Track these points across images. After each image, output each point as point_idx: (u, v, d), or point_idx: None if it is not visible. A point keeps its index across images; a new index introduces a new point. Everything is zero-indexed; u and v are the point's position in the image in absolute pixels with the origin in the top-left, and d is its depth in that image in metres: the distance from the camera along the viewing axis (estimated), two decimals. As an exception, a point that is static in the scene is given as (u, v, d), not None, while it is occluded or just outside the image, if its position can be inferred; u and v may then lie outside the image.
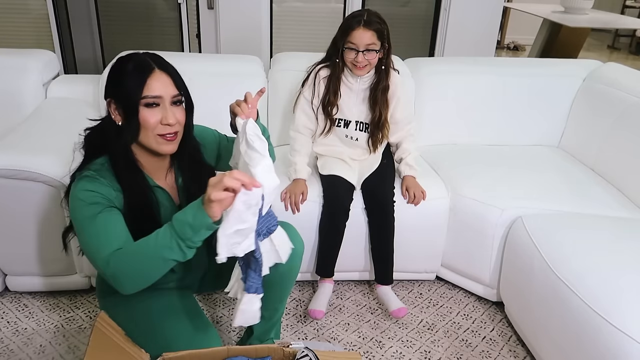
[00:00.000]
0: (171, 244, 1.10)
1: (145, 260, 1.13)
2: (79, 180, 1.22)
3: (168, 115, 1.23)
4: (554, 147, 2.56)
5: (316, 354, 1.24)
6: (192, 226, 1.08)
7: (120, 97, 1.22)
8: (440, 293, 2.21)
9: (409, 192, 2.00)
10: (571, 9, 4.81)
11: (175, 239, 1.09)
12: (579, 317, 1.51)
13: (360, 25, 1.86)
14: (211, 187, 1.05)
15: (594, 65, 2.59)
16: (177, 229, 1.09)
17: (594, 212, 1.95)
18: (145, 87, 1.20)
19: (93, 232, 1.18)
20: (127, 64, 1.23)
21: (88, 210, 1.18)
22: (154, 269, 1.15)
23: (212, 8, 3.37)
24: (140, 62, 1.23)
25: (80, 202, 1.19)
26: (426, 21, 3.67)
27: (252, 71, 2.43)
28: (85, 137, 1.30)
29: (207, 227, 1.08)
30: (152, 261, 1.13)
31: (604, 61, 2.64)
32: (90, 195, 1.19)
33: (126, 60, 1.24)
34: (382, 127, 2.03)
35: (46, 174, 1.77)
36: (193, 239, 1.10)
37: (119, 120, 1.23)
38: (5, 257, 1.96)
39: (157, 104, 1.22)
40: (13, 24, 3.52)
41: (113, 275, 1.15)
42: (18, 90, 2.26)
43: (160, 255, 1.11)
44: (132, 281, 1.16)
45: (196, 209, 1.08)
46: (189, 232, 1.08)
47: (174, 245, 1.10)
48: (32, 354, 1.78)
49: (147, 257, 1.13)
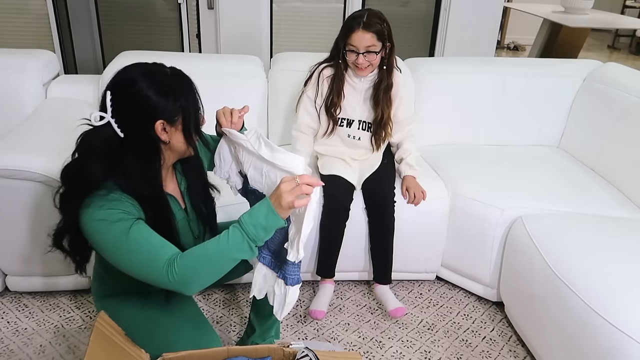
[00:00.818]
0: (243, 245, 1.15)
1: (216, 262, 1.16)
2: (90, 204, 1.16)
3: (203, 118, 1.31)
4: (554, 147, 2.56)
5: (316, 354, 1.24)
6: (266, 228, 1.16)
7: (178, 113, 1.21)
8: (441, 293, 2.21)
9: (409, 192, 2.00)
10: (571, 9, 4.81)
11: (247, 241, 1.15)
12: (579, 317, 1.51)
13: (360, 27, 1.85)
14: (289, 193, 1.13)
15: (594, 65, 2.59)
16: (250, 232, 1.15)
17: (594, 212, 1.95)
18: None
19: (134, 248, 1.15)
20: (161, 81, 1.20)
21: (116, 229, 1.14)
22: (224, 269, 1.18)
23: (212, 8, 3.37)
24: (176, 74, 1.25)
25: (102, 223, 1.14)
26: (426, 21, 3.67)
27: (252, 71, 2.43)
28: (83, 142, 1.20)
29: (279, 227, 1.17)
30: (223, 262, 1.17)
31: (604, 61, 2.64)
32: (112, 213, 1.15)
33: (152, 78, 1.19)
34: (385, 125, 2.03)
35: (46, 174, 1.77)
36: (265, 239, 1.18)
37: (166, 138, 1.22)
38: (5, 257, 1.96)
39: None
40: (13, 24, 3.52)
41: (181, 281, 1.14)
42: (18, 90, 2.26)
43: (232, 256, 1.16)
44: (201, 283, 1.18)
45: (267, 211, 1.15)
46: (262, 234, 1.16)
47: (246, 246, 1.15)
48: (32, 354, 1.78)
49: (217, 259, 1.16)
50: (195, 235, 1.39)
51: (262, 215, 1.15)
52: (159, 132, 1.20)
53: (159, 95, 1.18)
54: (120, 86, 1.19)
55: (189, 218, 1.38)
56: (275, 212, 1.14)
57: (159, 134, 1.20)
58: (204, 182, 1.44)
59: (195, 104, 1.25)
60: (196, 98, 1.25)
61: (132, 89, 1.17)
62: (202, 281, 1.17)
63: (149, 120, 1.18)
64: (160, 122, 1.19)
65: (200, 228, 1.42)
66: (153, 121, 1.18)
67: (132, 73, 1.20)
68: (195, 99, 1.25)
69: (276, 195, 1.14)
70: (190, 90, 1.24)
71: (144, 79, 1.18)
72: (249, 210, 1.18)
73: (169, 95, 1.19)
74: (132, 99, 1.17)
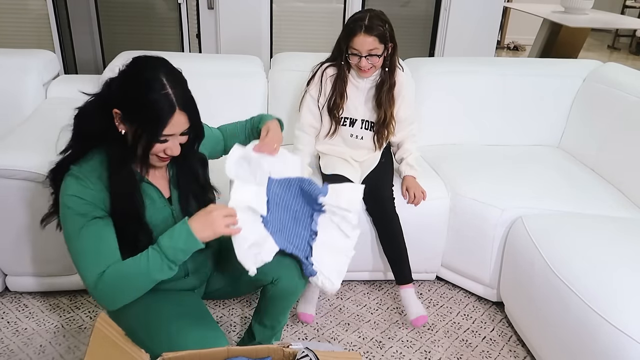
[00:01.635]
0: (162, 267, 1.20)
1: (135, 282, 1.22)
2: (68, 178, 1.24)
3: (174, 149, 1.26)
4: (554, 147, 2.56)
5: (316, 354, 1.24)
6: (185, 251, 1.21)
7: (135, 122, 1.20)
8: (441, 293, 2.21)
9: (409, 192, 2.00)
10: (571, 9, 4.81)
11: (166, 263, 1.20)
12: (579, 317, 1.51)
13: (362, 31, 1.84)
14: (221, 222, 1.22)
15: (594, 65, 2.59)
16: (169, 254, 1.19)
17: (594, 212, 1.95)
18: (165, 129, 1.21)
19: (79, 248, 1.22)
20: (150, 94, 1.17)
21: (76, 222, 1.22)
22: (142, 289, 1.24)
23: (212, 8, 3.37)
24: (165, 99, 1.18)
25: (68, 211, 1.23)
26: (426, 21, 3.67)
27: (252, 71, 2.43)
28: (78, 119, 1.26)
29: (198, 249, 1.22)
30: (142, 282, 1.22)
31: (604, 61, 2.64)
32: (78, 204, 1.22)
33: (148, 86, 1.18)
34: (388, 125, 2.03)
35: (46, 174, 1.77)
36: (183, 259, 1.23)
37: (124, 130, 1.22)
38: (5, 257, 1.96)
39: (167, 140, 1.24)
40: (13, 24, 3.52)
41: (100, 296, 1.22)
42: (18, 91, 2.27)
43: (152, 277, 1.21)
44: (119, 301, 1.24)
45: (187, 235, 1.20)
46: (180, 256, 1.21)
47: (165, 267, 1.20)
48: (32, 354, 1.78)
49: (137, 279, 1.21)
50: None
51: (182, 239, 1.20)
52: (115, 117, 1.22)
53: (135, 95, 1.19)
54: (138, 63, 1.23)
55: (172, 208, 1.37)
56: (194, 236, 1.20)
57: (115, 119, 1.22)
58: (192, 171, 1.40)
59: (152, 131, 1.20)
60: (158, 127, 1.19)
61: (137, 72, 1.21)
62: (119, 298, 1.24)
63: (115, 102, 1.21)
64: (116, 110, 1.21)
65: None
66: (116, 105, 1.21)
67: (154, 63, 1.23)
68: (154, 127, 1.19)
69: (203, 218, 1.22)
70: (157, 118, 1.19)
71: (151, 75, 1.19)
72: (168, 232, 1.22)
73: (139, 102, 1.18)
74: (128, 78, 1.21)
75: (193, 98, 1.26)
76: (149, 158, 1.26)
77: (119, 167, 1.24)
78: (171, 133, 1.22)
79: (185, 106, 1.22)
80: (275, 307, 1.54)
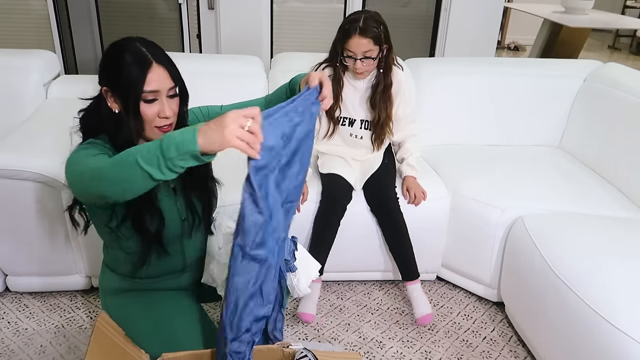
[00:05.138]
0: (152, 155, 1.00)
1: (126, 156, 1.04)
2: (80, 146, 1.23)
3: (165, 109, 1.23)
4: (554, 147, 2.55)
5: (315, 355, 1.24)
6: (177, 146, 0.98)
7: (118, 90, 1.21)
8: (441, 293, 2.21)
9: (409, 192, 2.00)
10: (571, 9, 4.81)
11: (157, 153, 1.00)
12: (580, 317, 1.51)
13: (356, 32, 1.83)
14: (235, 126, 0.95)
15: (595, 65, 2.59)
16: (163, 145, 1.00)
17: (595, 213, 1.95)
18: (145, 84, 1.20)
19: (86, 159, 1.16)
20: (124, 54, 1.21)
21: (88, 151, 1.20)
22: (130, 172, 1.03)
23: (213, 8, 3.37)
24: (139, 55, 1.21)
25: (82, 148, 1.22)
26: (426, 21, 3.67)
27: (252, 71, 2.44)
28: (81, 119, 1.29)
29: (191, 154, 0.99)
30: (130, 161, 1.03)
31: (605, 61, 2.64)
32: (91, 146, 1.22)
33: (121, 49, 1.22)
34: (384, 126, 2.02)
35: (47, 174, 1.77)
36: (174, 161, 0.99)
37: (116, 108, 1.24)
38: (5, 257, 1.96)
39: (155, 98, 1.23)
40: (14, 24, 3.52)
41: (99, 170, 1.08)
42: (19, 91, 2.27)
43: (136, 159, 1.01)
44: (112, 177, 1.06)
45: (189, 133, 0.99)
46: (172, 151, 0.99)
47: (154, 158, 1.00)
48: (33, 354, 1.78)
49: (128, 154, 1.04)
50: (182, 217, 1.37)
51: (181, 135, 0.99)
52: (106, 97, 1.24)
53: (111, 62, 1.22)
54: (113, 44, 1.25)
55: (176, 197, 1.37)
56: (196, 136, 0.97)
57: (107, 100, 1.24)
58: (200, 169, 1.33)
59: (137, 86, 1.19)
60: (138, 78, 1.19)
61: (110, 48, 1.24)
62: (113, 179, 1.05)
63: (101, 80, 1.24)
64: (105, 89, 1.23)
65: (189, 215, 1.38)
66: (103, 84, 1.23)
67: (126, 38, 1.25)
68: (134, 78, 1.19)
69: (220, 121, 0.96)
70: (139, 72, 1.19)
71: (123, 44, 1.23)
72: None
73: (117, 66, 1.20)
74: (104, 57, 1.25)
75: (171, 59, 1.27)
76: (144, 127, 1.24)
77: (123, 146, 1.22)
78: (154, 89, 1.21)
79: (162, 61, 1.23)
80: None
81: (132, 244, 1.33)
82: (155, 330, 1.32)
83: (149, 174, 1.01)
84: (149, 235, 1.30)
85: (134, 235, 1.31)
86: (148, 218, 1.29)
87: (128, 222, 1.28)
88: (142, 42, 1.24)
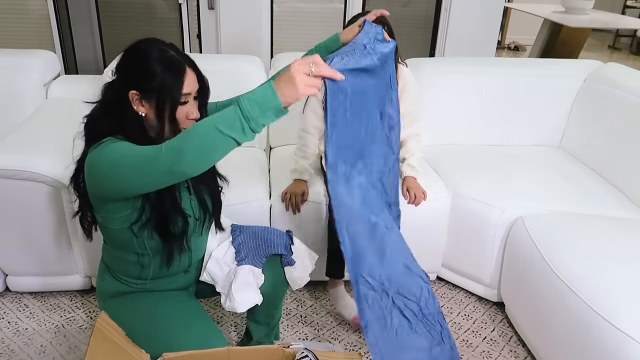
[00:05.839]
0: (234, 120, 1.04)
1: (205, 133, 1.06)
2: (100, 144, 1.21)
3: (194, 111, 1.27)
4: (554, 147, 2.55)
5: (316, 355, 1.24)
6: (261, 105, 1.04)
7: (152, 95, 1.22)
8: (441, 293, 2.21)
9: (409, 192, 2.00)
10: (572, 9, 4.81)
11: (239, 116, 1.04)
12: (580, 318, 1.51)
13: None
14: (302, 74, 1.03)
15: (595, 65, 2.59)
16: (244, 107, 1.03)
17: (595, 213, 1.95)
18: (184, 87, 1.24)
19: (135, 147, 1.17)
20: (154, 60, 1.21)
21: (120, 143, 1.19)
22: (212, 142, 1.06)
23: (213, 8, 3.37)
24: (172, 61, 1.23)
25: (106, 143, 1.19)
26: (427, 21, 3.67)
27: (252, 71, 2.43)
28: (88, 124, 1.28)
29: (275, 109, 1.05)
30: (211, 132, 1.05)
31: (605, 61, 2.64)
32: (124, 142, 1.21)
33: (148, 54, 1.22)
34: None
35: (47, 174, 1.77)
36: (258, 120, 1.04)
37: (143, 111, 1.24)
38: (5, 257, 1.96)
39: (186, 101, 1.26)
40: (14, 24, 3.52)
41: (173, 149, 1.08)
42: (19, 91, 2.27)
43: (218, 127, 1.04)
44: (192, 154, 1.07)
45: (267, 88, 1.04)
46: (256, 112, 1.03)
47: (237, 122, 1.04)
48: (33, 354, 1.78)
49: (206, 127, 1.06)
50: (195, 216, 1.39)
51: (260, 91, 1.05)
52: (133, 101, 1.23)
53: (145, 66, 1.22)
54: (132, 46, 1.26)
55: (190, 197, 1.38)
56: (275, 90, 1.03)
57: (134, 104, 1.23)
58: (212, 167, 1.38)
59: (173, 90, 1.22)
60: (177, 84, 1.22)
61: (136, 51, 1.24)
62: (194, 151, 1.07)
63: (128, 85, 1.23)
64: (133, 93, 1.22)
65: (201, 213, 1.41)
66: (130, 88, 1.22)
67: (147, 40, 1.26)
68: (174, 85, 1.22)
69: (285, 73, 1.04)
70: (174, 75, 1.23)
71: (150, 48, 1.23)
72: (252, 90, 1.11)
73: (152, 71, 1.21)
74: (130, 60, 1.24)
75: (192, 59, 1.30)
76: (179, 126, 1.26)
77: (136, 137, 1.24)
78: (188, 91, 1.25)
79: (191, 65, 1.27)
80: (267, 303, 1.54)
81: (154, 244, 1.33)
82: (155, 330, 1.32)
83: (233, 138, 1.05)
84: (174, 235, 1.32)
85: (155, 236, 1.32)
86: (174, 217, 1.30)
87: (152, 222, 1.29)
88: (168, 45, 1.27)
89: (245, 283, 1.45)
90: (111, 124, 1.24)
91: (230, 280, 1.46)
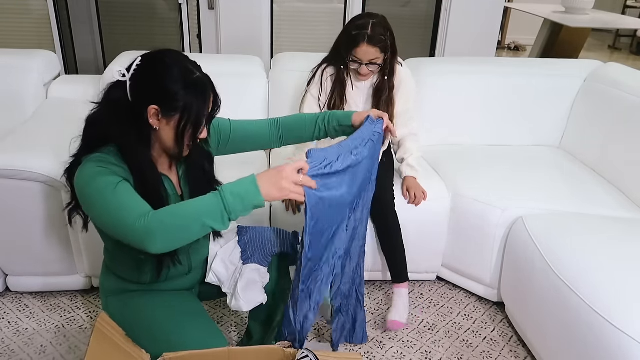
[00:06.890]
0: (216, 213, 1.10)
1: (185, 222, 1.11)
2: (88, 161, 1.20)
3: (205, 131, 1.29)
4: (555, 147, 2.56)
5: (316, 355, 1.24)
6: (243, 201, 1.10)
7: (173, 113, 1.21)
8: (441, 293, 2.21)
9: (409, 192, 2.00)
10: (572, 9, 4.81)
11: (220, 209, 1.09)
12: (580, 318, 1.51)
13: (365, 41, 1.83)
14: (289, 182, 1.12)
15: (595, 65, 2.59)
16: (227, 200, 1.09)
17: (595, 213, 1.95)
18: (209, 108, 1.26)
19: (118, 200, 1.14)
20: (183, 81, 1.21)
21: (108, 179, 1.16)
22: (192, 232, 1.12)
23: (213, 8, 3.37)
24: (199, 84, 1.23)
25: (98, 171, 1.17)
26: (427, 21, 3.67)
27: (252, 71, 2.44)
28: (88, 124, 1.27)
29: (255, 206, 1.11)
30: (192, 224, 1.10)
31: (605, 61, 2.64)
32: (105, 171, 1.18)
33: (177, 72, 1.21)
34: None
35: (47, 174, 1.78)
36: (238, 213, 1.11)
37: (158, 125, 1.23)
38: (6, 257, 1.96)
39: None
40: (14, 24, 3.52)
41: (146, 230, 1.09)
42: (19, 91, 2.27)
43: (201, 220, 1.10)
44: (165, 240, 1.10)
45: (249, 185, 1.11)
46: (238, 206, 1.10)
47: (218, 214, 1.10)
48: (33, 354, 1.78)
49: (187, 219, 1.10)
50: None
51: (244, 188, 1.11)
52: (150, 114, 1.21)
53: (171, 85, 1.20)
54: (155, 58, 1.23)
55: None
56: (259, 188, 1.10)
57: (150, 117, 1.22)
58: (200, 168, 1.41)
59: (199, 114, 1.23)
60: (203, 109, 1.24)
61: (161, 65, 1.22)
62: (167, 239, 1.10)
63: (148, 99, 1.20)
64: (153, 107, 1.20)
65: None
66: (150, 102, 1.20)
67: (172, 55, 1.25)
68: (200, 109, 1.23)
69: (274, 175, 1.12)
70: (201, 100, 1.23)
71: (176, 65, 1.22)
72: (232, 182, 1.14)
73: (178, 91, 1.20)
74: (153, 73, 1.21)
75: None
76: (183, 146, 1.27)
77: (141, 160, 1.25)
78: (206, 113, 1.26)
79: (211, 86, 1.28)
80: (270, 303, 1.54)
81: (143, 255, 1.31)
82: (155, 330, 1.32)
83: (213, 228, 1.11)
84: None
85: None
86: None
87: None
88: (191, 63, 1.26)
89: (251, 282, 1.45)
90: (114, 129, 1.22)
91: (236, 279, 1.46)
